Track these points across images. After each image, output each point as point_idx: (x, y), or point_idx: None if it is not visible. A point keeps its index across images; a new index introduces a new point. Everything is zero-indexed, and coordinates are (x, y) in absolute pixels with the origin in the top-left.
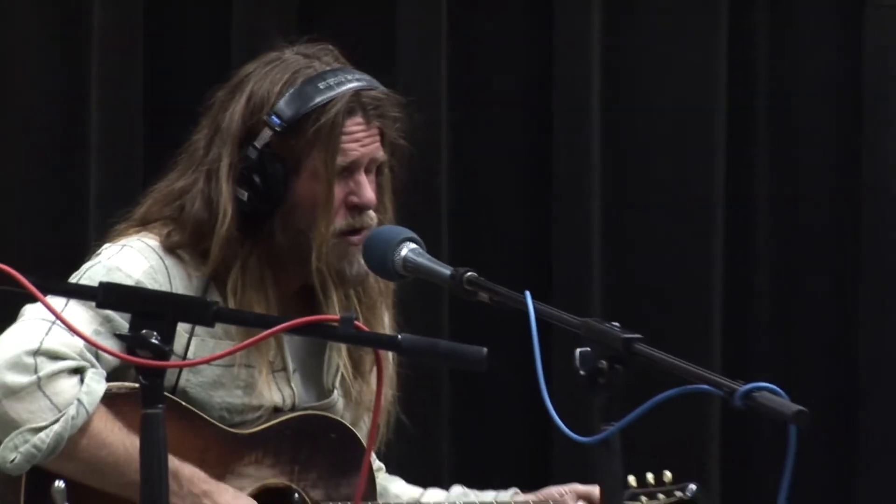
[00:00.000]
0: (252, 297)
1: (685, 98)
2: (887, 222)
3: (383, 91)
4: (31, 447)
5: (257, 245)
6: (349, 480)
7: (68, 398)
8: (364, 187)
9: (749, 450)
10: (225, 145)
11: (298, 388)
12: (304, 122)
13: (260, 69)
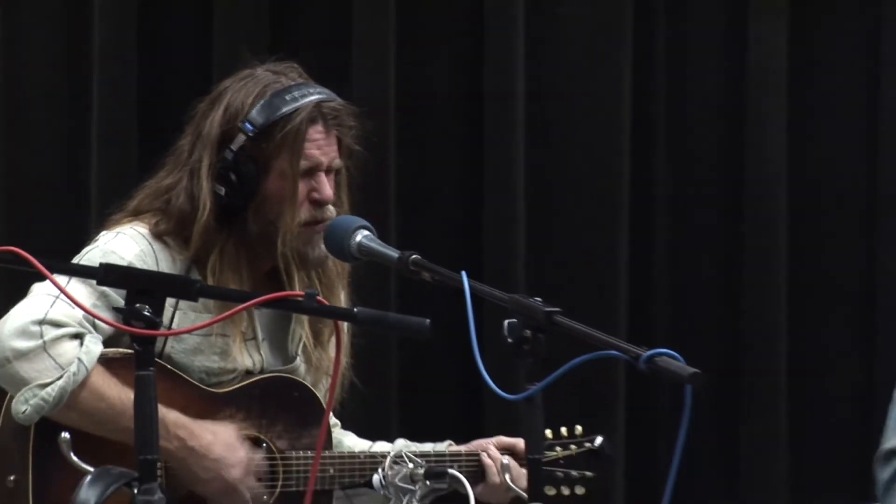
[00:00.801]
0: (228, 277)
1: (595, 107)
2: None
3: (341, 103)
4: (40, 400)
5: (233, 233)
6: (309, 432)
7: (70, 358)
8: (324, 185)
9: (651, 407)
10: (205, 148)
11: (266, 354)
12: (272, 129)
13: (235, 83)
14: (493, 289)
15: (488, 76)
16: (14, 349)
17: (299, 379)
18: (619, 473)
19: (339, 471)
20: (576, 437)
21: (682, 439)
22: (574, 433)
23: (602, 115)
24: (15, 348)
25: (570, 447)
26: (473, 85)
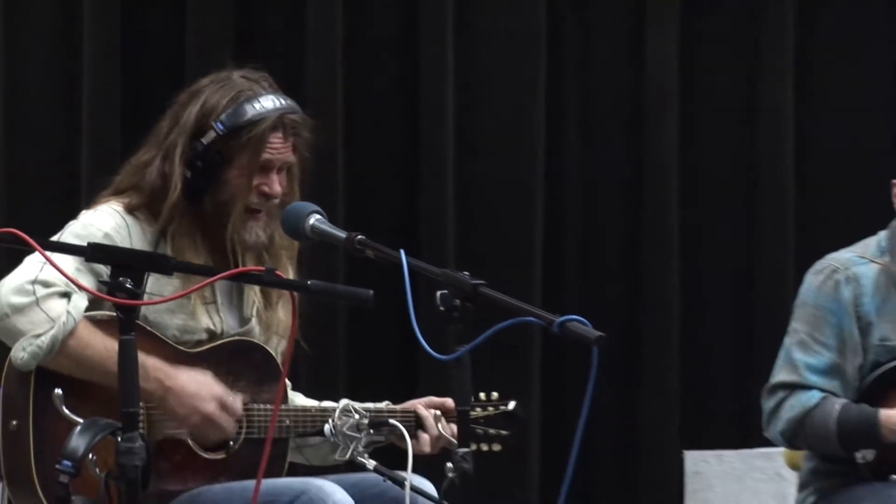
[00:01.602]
0: (185, 244)
1: (514, 110)
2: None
3: (301, 116)
4: (35, 347)
5: (190, 209)
6: (268, 388)
7: (59, 312)
8: (273, 182)
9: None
10: (181, 136)
11: (225, 316)
12: (240, 131)
13: (214, 84)
14: (427, 264)
15: (423, 79)
16: (11, 304)
17: (258, 342)
18: (534, 423)
19: (294, 422)
20: (492, 401)
21: (590, 394)
22: (491, 397)
23: (520, 117)
24: (12, 304)
25: (488, 409)
26: (411, 86)
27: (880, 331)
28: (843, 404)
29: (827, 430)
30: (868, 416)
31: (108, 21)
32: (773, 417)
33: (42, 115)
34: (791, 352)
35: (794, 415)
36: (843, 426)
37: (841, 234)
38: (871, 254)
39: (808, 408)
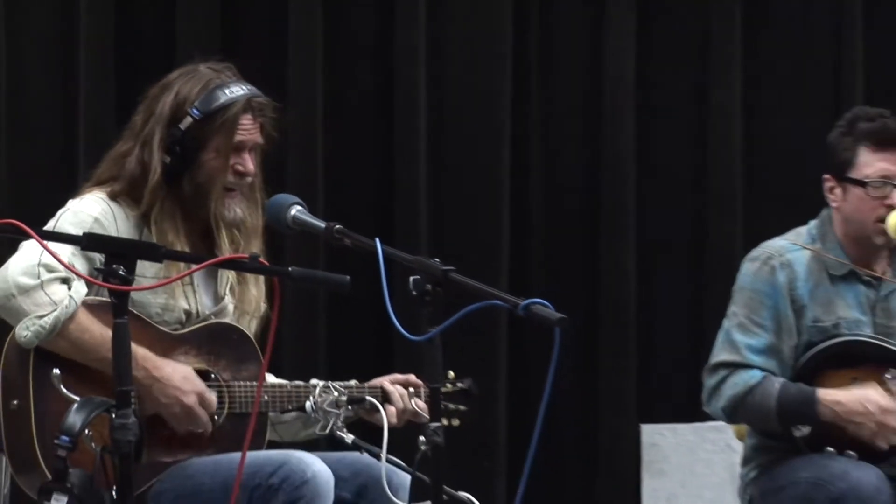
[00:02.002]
0: (167, 226)
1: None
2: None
3: (266, 99)
4: (38, 327)
5: (171, 192)
6: (246, 366)
7: (62, 297)
8: (247, 161)
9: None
10: (157, 125)
11: (201, 296)
12: (214, 115)
13: (184, 76)
14: (400, 252)
15: (398, 83)
16: (18, 285)
17: (236, 324)
18: (501, 399)
19: (273, 397)
20: (450, 379)
21: (553, 372)
22: (448, 376)
23: (487, 115)
24: (19, 285)
25: (447, 386)
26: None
27: (813, 312)
28: (783, 383)
29: (767, 408)
30: (807, 396)
31: (102, 26)
32: (714, 394)
33: (42, 114)
34: (731, 333)
35: (736, 392)
36: (783, 404)
37: (785, 225)
38: (803, 241)
39: (751, 386)
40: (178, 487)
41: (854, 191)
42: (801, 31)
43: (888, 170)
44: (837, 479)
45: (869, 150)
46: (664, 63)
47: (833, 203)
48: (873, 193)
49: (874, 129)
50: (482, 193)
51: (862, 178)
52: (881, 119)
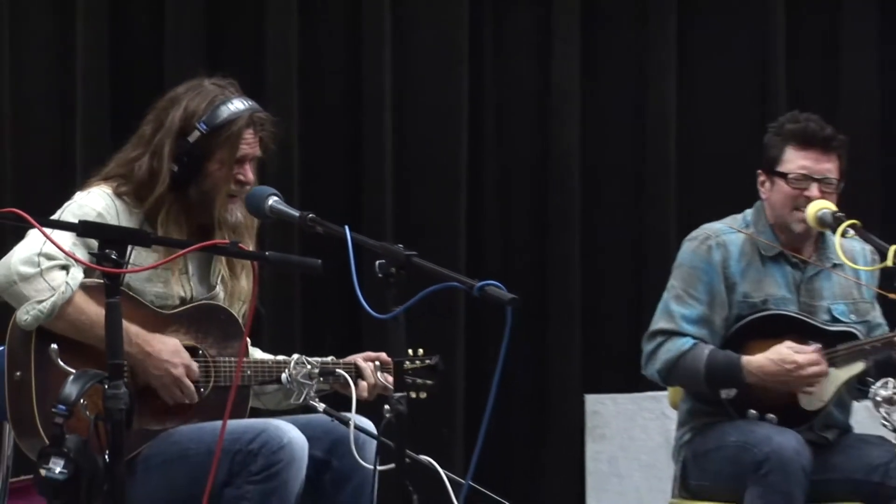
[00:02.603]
0: (173, 228)
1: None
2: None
3: (266, 115)
4: (37, 311)
5: (177, 198)
6: (231, 343)
7: (60, 283)
8: (248, 172)
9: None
10: (168, 137)
11: (195, 285)
12: (220, 129)
13: (191, 91)
14: (367, 238)
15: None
16: (20, 273)
17: (223, 305)
18: (459, 372)
19: (255, 372)
20: (419, 356)
21: (505, 347)
22: (417, 353)
23: (447, 115)
24: (20, 273)
25: (415, 362)
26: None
27: (743, 288)
28: (711, 350)
29: (697, 370)
30: (732, 361)
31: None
32: (651, 358)
33: (42, 116)
34: (668, 304)
35: (670, 356)
36: (711, 368)
37: (714, 214)
38: (738, 225)
39: (683, 351)
40: (164, 452)
41: (779, 183)
42: (728, 45)
43: (807, 166)
44: (762, 443)
45: (793, 148)
46: (606, 71)
47: (763, 195)
48: (794, 185)
49: (798, 131)
50: (442, 187)
51: (785, 172)
52: (805, 122)
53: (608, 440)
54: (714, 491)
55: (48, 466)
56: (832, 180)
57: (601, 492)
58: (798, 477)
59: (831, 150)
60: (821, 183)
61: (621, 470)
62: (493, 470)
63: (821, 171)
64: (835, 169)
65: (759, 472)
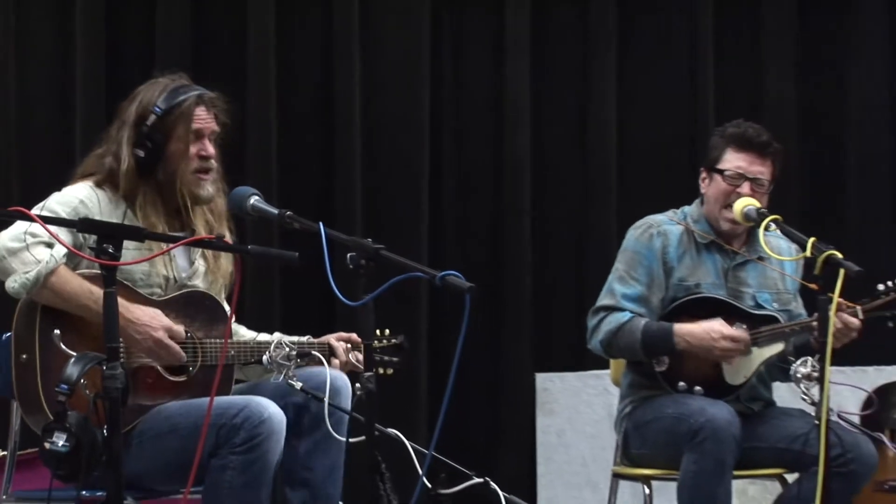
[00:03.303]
0: (150, 211)
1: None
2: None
3: (216, 93)
4: (24, 279)
5: (149, 182)
6: (217, 326)
7: (44, 256)
8: (207, 146)
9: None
10: (127, 128)
11: (177, 263)
12: (172, 110)
13: (146, 86)
14: (340, 233)
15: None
16: (7, 248)
17: (208, 292)
18: (422, 354)
19: (238, 352)
20: (385, 336)
21: (464, 331)
22: (384, 333)
23: (410, 120)
24: (8, 248)
25: (383, 341)
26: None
27: (679, 273)
28: (646, 321)
29: (634, 339)
30: (665, 329)
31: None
32: (595, 331)
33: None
34: (612, 284)
35: (611, 328)
36: (646, 336)
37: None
38: (678, 218)
39: (622, 322)
40: (157, 426)
41: (716, 178)
42: (663, 56)
43: (742, 166)
44: (697, 414)
45: (732, 149)
46: (553, 80)
47: (703, 190)
48: (728, 182)
49: (738, 134)
50: (406, 185)
51: (723, 169)
52: (746, 128)
53: (556, 414)
54: (653, 458)
55: (52, 440)
56: (763, 182)
57: (550, 461)
58: (730, 445)
59: (766, 155)
60: (753, 182)
61: (568, 441)
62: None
63: (754, 172)
64: (767, 172)
65: (694, 440)
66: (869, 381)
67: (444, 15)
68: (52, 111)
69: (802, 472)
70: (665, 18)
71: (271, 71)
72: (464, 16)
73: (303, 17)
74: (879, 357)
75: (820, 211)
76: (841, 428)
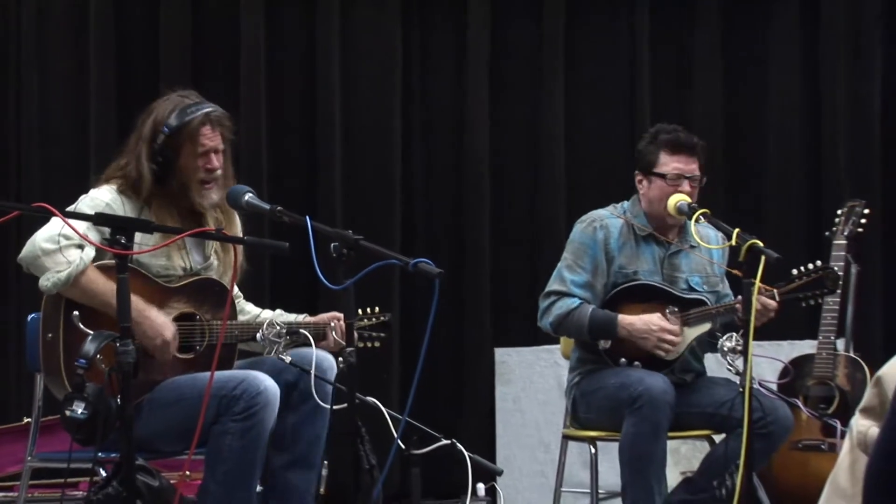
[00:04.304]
0: (165, 213)
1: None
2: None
3: (222, 112)
4: (56, 279)
5: (164, 190)
6: (223, 310)
7: (75, 257)
8: (213, 161)
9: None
10: (143, 143)
11: (192, 256)
12: (181, 129)
13: (160, 103)
14: (324, 225)
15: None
16: (43, 249)
17: (217, 279)
18: (394, 331)
19: (240, 331)
20: (374, 313)
21: (434, 311)
22: (374, 311)
23: (384, 125)
24: (43, 249)
25: (372, 319)
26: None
27: (619, 262)
28: (593, 308)
29: (582, 324)
30: (609, 318)
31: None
32: (545, 313)
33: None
34: (561, 271)
35: (560, 312)
36: (593, 322)
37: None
38: (618, 212)
39: (571, 308)
40: (165, 397)
41: (657, 182)
42: (606, 68)
43: (679, 168)
44: (636, 384)
45: (666, 153)
46: (509, 88)
47: (641, 191)
48: (670, 183)
49: (670, 140)
50: (381, 183)
51: (662, 173)
52: (675, 132)
53: (513, 384)
54: (598, 421)
55: (71, 408)
56: (697, 177)
57: (507, 425)
58: (665, 410)
59: (695, 154)
60: (689, 180)
61: (523, 407)
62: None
63: (690, 171)
64: (698, 168)
65: (634, 406)
66: (784, 353)
67: (413, 32)
68: (69, 124)
69: (728, 434)
70: (608, 37)
71: (261, 84)
72: (431, 33)
73: (289, 35)
74: (793, 333)
75: (742, 203)
76: (761, 395)
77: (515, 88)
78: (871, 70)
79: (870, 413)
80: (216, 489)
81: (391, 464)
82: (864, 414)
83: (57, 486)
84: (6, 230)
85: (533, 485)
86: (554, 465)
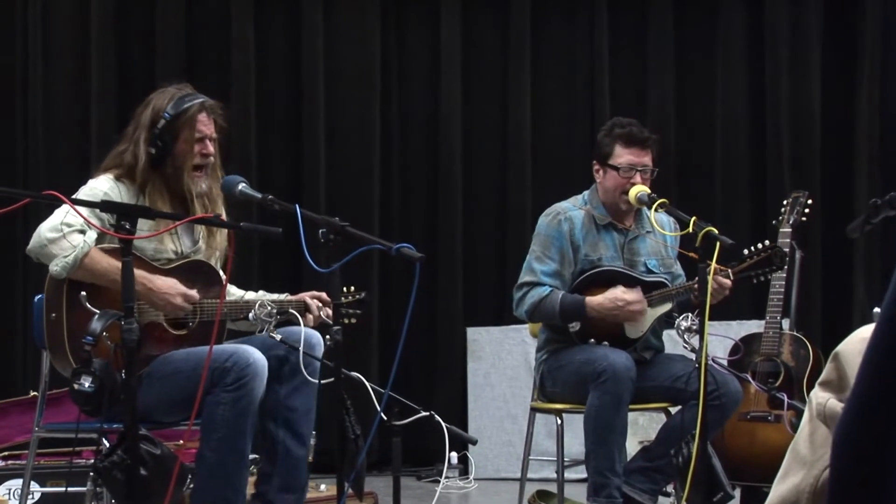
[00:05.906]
0: (157, 198)
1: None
2: (450, 167)
3: (216, 102)
4: (64, 262)
5: (158, 174)
6: (213, 289)
7: (79, 242)
8: (207, 146)
9: (393, 273)
10: (143, 129)
11: (183, 240)
12: (180, 115)
13: (158, 94)
14: (312, 213)
15: (305, 97)
16: (48, 238)
17: (206, 261)
18: (374, 310)
19: (230, 310)
20: (352, 292)
21: (414, 293)
22: (351, 289)
23: (364, 120)
24: (48, 237)
25: (349, 297)
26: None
27: (584, 250)
28: (563, 294)
29: (553, 309)
30: (578, 301)
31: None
32: (520, 303)
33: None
34: (531, 263)
35: (533, 300)
36: (563, 307)
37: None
38: (579, 204)
39: (543, 296)
40: (163, 370)
41: (611, 173)
42: (568, 66)
43: (632, 160)
44: (600, 360)
45: (620, 146)
46: (480, 84)
47: (598, 180)
48: (623, 175)
49: (624, 133)
50: (361, 175)
51: (616, 165)
52: (629, 126)
53: (483, 360)
54: (564, 395)
55: (80, 382)
56: (649, 169)
57: (479, 398)
58: (626, 384)
59: (648, 147)
60: (641, 172)
61: (493, 382)
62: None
63: (642, 163)
64: (650, 161)
65: (598, 381)
66: (733, 332)
67: (391, 33)
68: (72, 119)
69: (683, 405)
70: (570, 37)
71: (251, 81)
72: (407, 34)
73: (276, 36)
74: (742, 314)
75: (693, 193)
76: (714, 370)
77: (485, 84)
78: (811, 71)
79: (828, 386)
80: (210, 455)
81: (374, 433)
82: (823, 387)
83: (60, 454)
84: (13, 217)
85: (502, 453)
86: (521, 435)
